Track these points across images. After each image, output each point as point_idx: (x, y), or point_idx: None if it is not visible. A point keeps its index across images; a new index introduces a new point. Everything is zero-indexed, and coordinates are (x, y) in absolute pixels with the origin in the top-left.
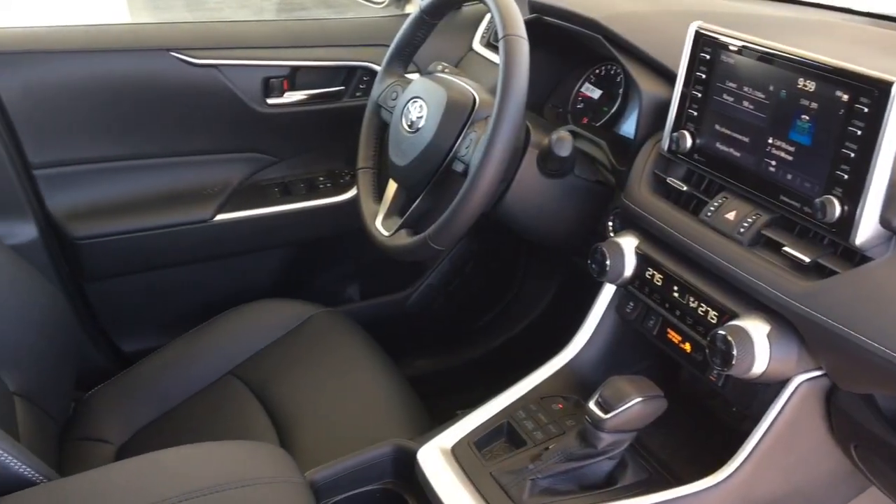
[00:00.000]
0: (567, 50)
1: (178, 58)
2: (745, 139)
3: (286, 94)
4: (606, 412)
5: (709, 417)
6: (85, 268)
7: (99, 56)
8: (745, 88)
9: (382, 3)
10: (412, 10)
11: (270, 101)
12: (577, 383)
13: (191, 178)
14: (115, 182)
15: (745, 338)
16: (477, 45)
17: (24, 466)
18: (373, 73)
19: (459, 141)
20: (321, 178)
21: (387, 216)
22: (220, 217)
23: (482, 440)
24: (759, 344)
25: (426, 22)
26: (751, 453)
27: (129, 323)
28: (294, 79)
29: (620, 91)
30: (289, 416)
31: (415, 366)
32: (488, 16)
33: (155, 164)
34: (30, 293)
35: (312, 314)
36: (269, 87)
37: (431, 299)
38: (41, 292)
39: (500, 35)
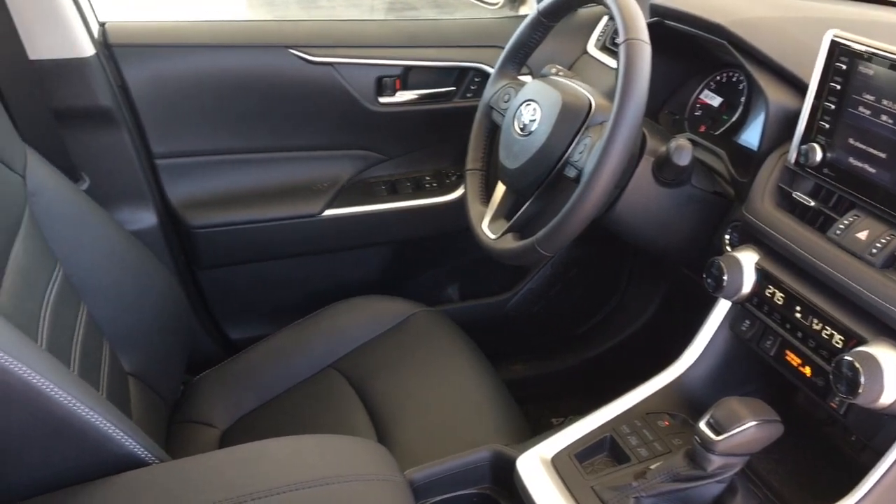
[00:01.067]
0: (687, 55)
1: (296, 55)
2: (882, 155)
3: (398, 94)
4: (718, 434)
5: (825, 445)
6: (199, 256)
7: (222, 51)
8: (884, 102)
9: (497, 4)
10: (526, 11)
11: (382, 99)
12: (685, 401)
13: (302, 173)
14: (231, 174)
15: (874, 365)
16: (592, 48)
17: (138, 446)
18: (484, 75)
19: (573, 146)
20: (428, 178)
21: (494, 219)
22: (327, 212)
23: (583, 453)
24: (889, 373)
25: (543, 24)
26: (873, 488)
27: (237, 311)
28: (406, 78)
29: (742, 99)
30: (387, 413)
31: (511, 370)
32: (604, 19)
33: (269, 158)
34: (148, 277)
35: (413, 312)
36: (382, 85)
37: (531, 304)
38: (158, 277)
39: (622, 39)
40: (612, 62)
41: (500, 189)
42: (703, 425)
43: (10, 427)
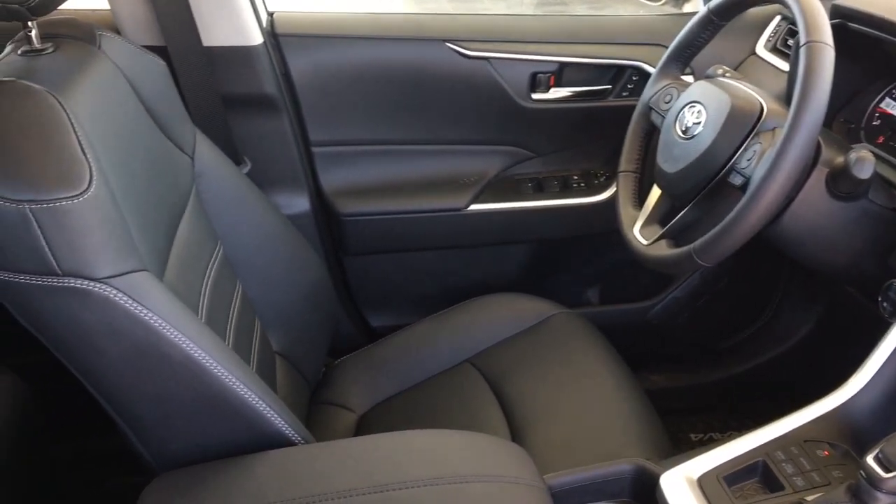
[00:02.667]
0: (868, 60)
1: (452, 49)
2: None
3: (552, 90)
4: (888, 471)
5: None
6: (346, 243)
7: (381, 43)
8: None
9: (659, 1)
10: (692, 9)
11: (535, 96)
12: (849, 431)
13: (450, 166)
14: (382, 164)
15: None
16: (761, 49)
17: (286, 426)
18: (643, 74)
19: (740, 152)
20: (576, 177)
21: (647, 223)
22: (473, 207)
23: (733, 476)
24: None
25: (713, 23)
26: None
27: (379, 299)
28: (561, 75)
29: None
30: (522, 413)
31: (648, 380)
32: (776, 19)
33: (419, 150)
34: (299, 261)
35: (554, 313)
36: (536, 81)
37: (676, 313)
38: (308, 261)
39: (804, 41)
40: (783, 65)
41: (655, 193)
42: (870, 460)
43: (172, 397)
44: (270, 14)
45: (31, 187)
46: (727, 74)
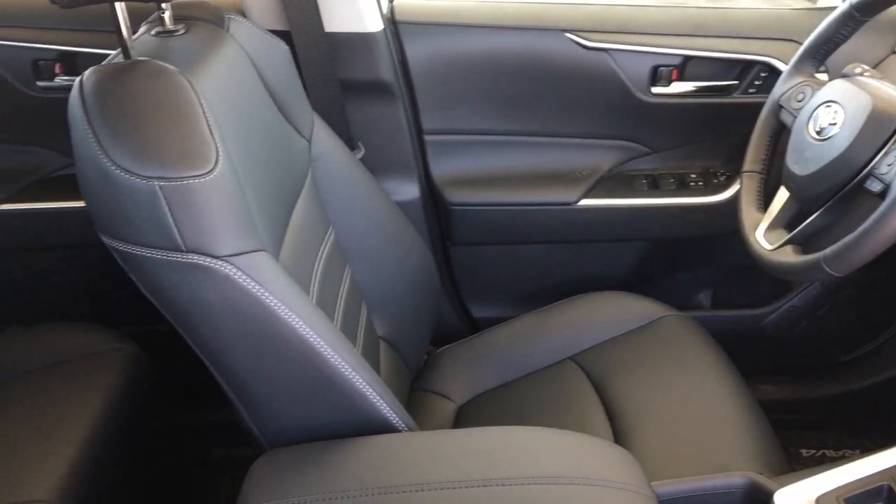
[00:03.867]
0: None
1: (572, 39)
2: None
3: (673, 85)
4: None
5: None
6: (453, 232)
7: (499, 32)
8: None
9: None
10: (828, 4)
11: (656, 90)
12: None
13: (563, 159)
14: (493, 155)
15: None
16: None
17: (391, 412)
18: (772, 70)
19: (880, 156)
20: (693, 176)
21: (771, 227)
22: (584, 202)
23: (855, 499)
24: None
25: (854, 18)
26: None
27: (483, 290)
28: (684, 69)
29: None
30: (626, 416)
31: (759, 389)
32: None
33: (531, 141)
34: (406, 248)
35: (663, 315)
36: (658, 75)
37: (793, 322)
38: (415, 249)
39: None
40: None
41: (783, 196)
42: None
43: (283, 376)
44: (391, 1)
45: (161, 165)
46: (866, 73)
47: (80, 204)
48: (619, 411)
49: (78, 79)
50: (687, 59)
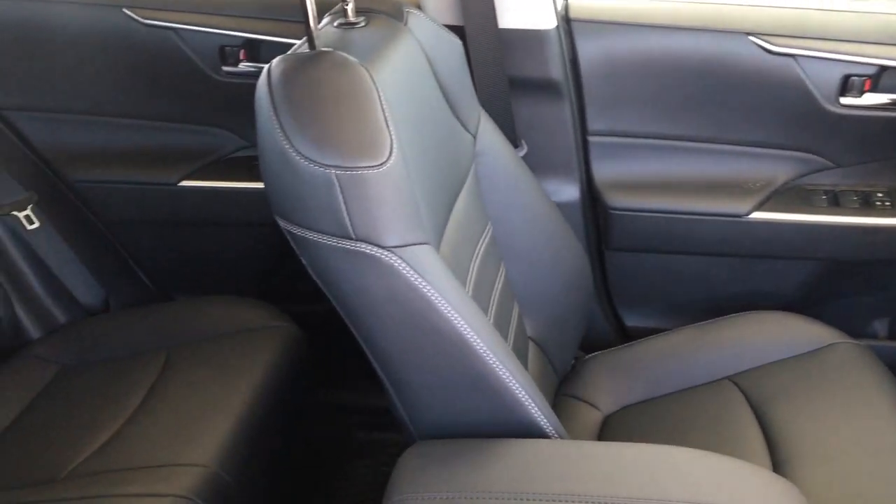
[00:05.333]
0: None
1: (755, 43)
2: None
3: (865, 96)
4: None
5: None
6: (611, 237)
7: (677, 33)
8: None
9: None
10: None
11: (845, 100)
12: None
13: (734, 168)
14: (659, 159)
15: None
16: None
17: (542, 417)
18: None
19: None
20: (880, 194)
21: None
22: (755, 215)
23: None
24: None
25: None
26: None
27: (637, 299)
28: (878, 79)
29: None
30: (787, 445)
31: None
32: None
33: (702, 148)
34: (562, 249)
35: (835, 342)
36: (848, 85)
37: None
38: (571, 251)
39: None
40: None
41: None
42: None
43: (438, 369)
44: None
45: (339, 154)
46: None
47: (253, 185)
48: (779, 439)
49: (266, 66)
50: (882, 69)
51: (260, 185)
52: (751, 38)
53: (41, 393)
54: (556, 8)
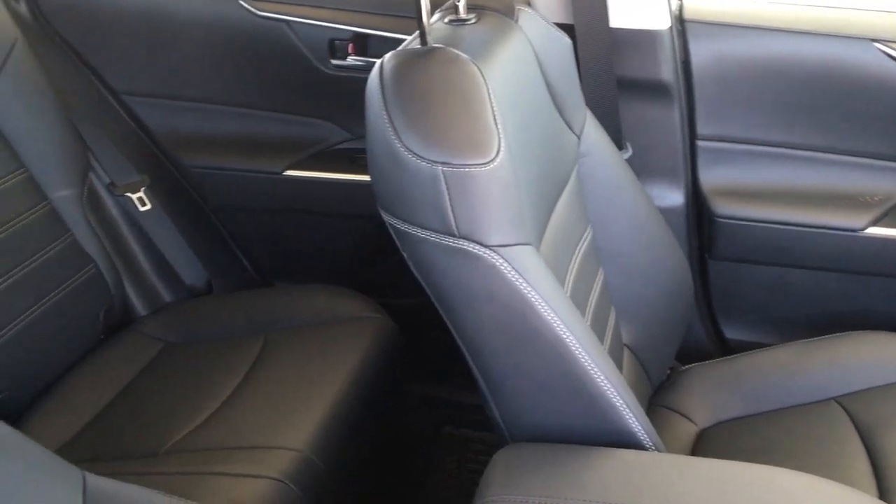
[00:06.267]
0: None
1: (882, 50)
2: None
3: None
4: None
5: None
6: (715, 245)
7: (797, 37)
8: None
9: None
10: None
11: None
12: None
13: (851, 180)
14: (771, 167)
15: None
16: None
17: (639, 427)
18: None
19: None
20: None
21: None
22: (871, 230)
23: None
24: None
25: None
26: None
27: (739, 311)
28: None
29: None
30: None
31: None
32: None
33: (817, 157)
34: (663, 256)
35: None
36: None
37: None
38: (672, 258)
39: None
40: None
41: None
42: None
43: (534, 372)
44: None
45: (446, 150)
46: None
47: (354, 177)
48: (887, 466)
49: (379, 61)
50: None
51: (361, 177)
52: (876, 44)
53: (145, 368)
54: (670, 8)
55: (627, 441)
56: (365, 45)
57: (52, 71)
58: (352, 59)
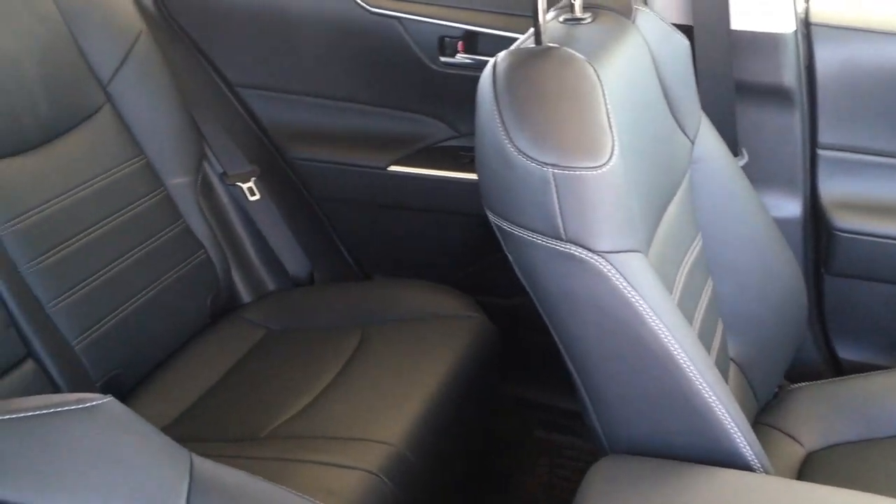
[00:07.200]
0: None
1: None
2: None
3: None
4: None
5: None
6: (833, 260)
7: None
8: None
9: None
10: None
11: None
12: None
13: None
14: None
15: None
16: None
17: (746, 446)
18: None
19: None
20: None
21: None
22: None
23: None
24: None
25: None
26: None
27: (855, 330)
28: None
29: None
30: None
31: None
32: None
33: None
34: (776, 268)
35: None
36: None
37: None
38: (786, 271)
39: None
40: None
41: None
42: None
43: (638, 383)
44: (806, 1)
45: (558, 153)
46: None
47: (459, 174)
48: None
49: (492, 60)
50: None
51: (466, 175)
52: None
53: (247, 354)
54: (795, 10)
55: (733, 460)
56: (475, 43)
57: (172, 62)
58: (461, 57)
